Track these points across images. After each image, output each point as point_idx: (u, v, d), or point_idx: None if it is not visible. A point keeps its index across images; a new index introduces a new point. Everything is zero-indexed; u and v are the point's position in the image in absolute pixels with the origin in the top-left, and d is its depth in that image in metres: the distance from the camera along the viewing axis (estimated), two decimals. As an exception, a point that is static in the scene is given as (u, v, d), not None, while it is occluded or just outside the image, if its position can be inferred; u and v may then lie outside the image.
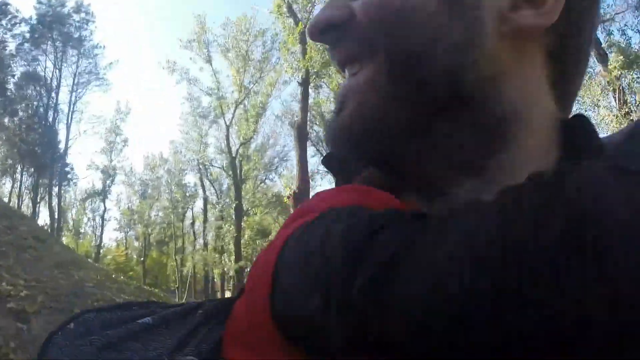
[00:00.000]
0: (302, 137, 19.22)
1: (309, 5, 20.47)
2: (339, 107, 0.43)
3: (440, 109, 0.39)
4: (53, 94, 31.14)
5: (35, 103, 30.64)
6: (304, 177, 18.57)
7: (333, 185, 0.55)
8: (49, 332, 0.48)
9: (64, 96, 34.28)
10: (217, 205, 35.67)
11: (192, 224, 41.68)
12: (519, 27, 0.39)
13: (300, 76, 20.28)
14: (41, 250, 9.91)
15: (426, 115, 0.39)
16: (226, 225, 31.03)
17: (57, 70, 30.99)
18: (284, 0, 19.71)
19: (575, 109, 0.50)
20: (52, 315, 6.09)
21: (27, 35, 29.24)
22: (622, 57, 13.06)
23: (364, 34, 0.40)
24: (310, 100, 26.00)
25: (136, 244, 47.16)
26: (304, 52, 19.32)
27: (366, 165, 0.48)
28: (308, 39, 0.48)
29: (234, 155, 29.68)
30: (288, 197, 18.49)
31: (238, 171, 29.79)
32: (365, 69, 0.41)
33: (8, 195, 30.14)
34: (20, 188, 31.80)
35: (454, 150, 0.40)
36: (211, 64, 29.96)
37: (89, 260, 17.71)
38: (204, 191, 37.55)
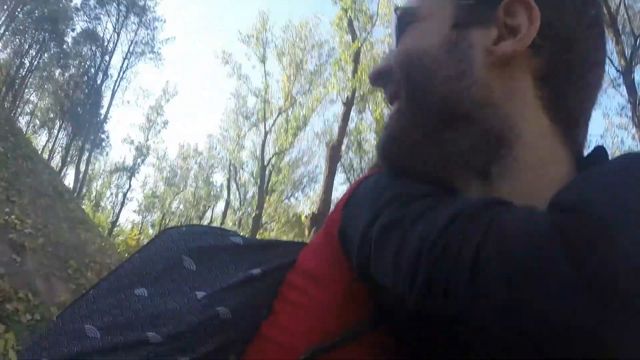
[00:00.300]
0: (334, 158, 18.23)
1: (369, 25, 19.76)
2: (385, 130, 0.56)
3: (443, 124, 0.50)
4: (107, 57, 30.98)
5: (88, 62, 30.50)
6: (327, 200, 17.48)
7: None
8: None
9: (116, 62, 34.16)
10: (237, 211, 34.69)
11: (210, 224, 40.80)
12: (501, 56, 0.48)
13: (346, 96, 19.28)
14: (57, 202, 10.22)
15: (433, 130, 0.50)
16: (241, 234, 29.80)
17: (116, 34, 30.84)
18: (346, 14, 18.73)
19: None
20: (47, 258, 6.37)
21: (95, -9, 29.05)
22: None
23: (395, 77, 0.55)
24: (352, 125, 25.07)
25: (151, 231, 46.74)
26: (354, 71, 18.43)
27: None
28: (370, 83, 0.63)
29: (265, 163, 28.65)
30: (306, 217, 17.40)
31: (266, 181, 28.71)
32: (397, 102, 0.55)
33: (41, 148, 29.47)
34: (54, 144, 31.56)
35: (459, 156, 0.50)
36: (264, 65, 29.21)
37: (99, 229, 17.34)
38: (229, 194, 36.68)
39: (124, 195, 39.95)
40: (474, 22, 0.49)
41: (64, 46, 28.09)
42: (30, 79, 28.66)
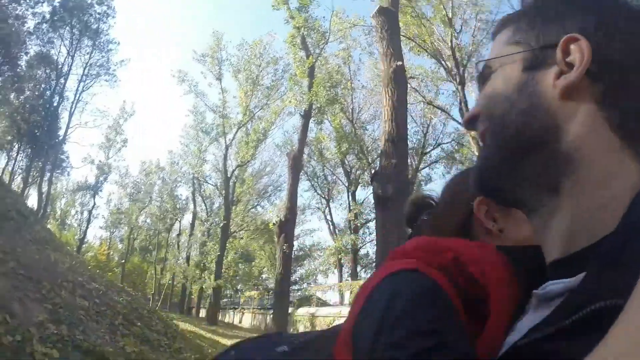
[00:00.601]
0: (296, 167, 19.23)
1: (322, 41, 20.84)
2: (476, 162, 0.67)
3: (520, 150, 0.58)
4: (62, 80, 31.00)
5: (42, 85, 30.41)
6: (293, 207, 18.56)
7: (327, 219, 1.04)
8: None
9: (71, 84, 34.36)
10: (205, 222, 35.65)
11: (179, 235, 41.50)
12: (564, 88, 0.55)
13: (303, 109, 20.41)
14: (22, 224, 10.10)
15: (511, 156, 0.59)
16: (210, 243, 30.88)
17: (70, 57, 30.93)
18: (298, 32, 19.83)
19: None
20: (19, 281, 6.28)
21: (47, 16, 29.06)
22: None
23: (481, 118, 0.64)
24: (312, 135, 26.32)
25: (120, 246, 46.91)
26: (310, 85, 19.53)
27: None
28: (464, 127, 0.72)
29: (229, 175, 29.74)
30: (274, 224, 18.57)
31: (230, 192, 29.79)
32: (485, 140, 0.64)
33: (1, 170, 29.59)
34: (13, 166, 31.41)
35: (532, 176, 0.57)
36: (221, 82, 30.25)
37: (67, 247, 17.33)
38: (195, 206, 37.67)
39: (89, 212, 40.28)
40: (539, 65, 0.58)
41: (18, 69, 28.19)
42: (-16, 103, 28.67)
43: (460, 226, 0.88)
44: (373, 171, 13.24)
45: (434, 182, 30.94)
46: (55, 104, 30.83)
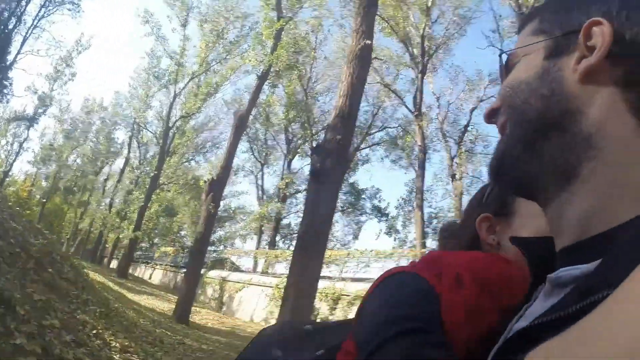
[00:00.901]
0: (240, 127, 18.67)
1: (297, 5, 20.32)
2: (494, 153, 0.65)
3: (540, 135, 0.57)
4: (23, 2, 28.84)
5: (2, 5, 28.47)
6: (227, 167, 17.97)
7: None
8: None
9: (33, 8, 32.29)
10: (135, 170, 34.14)
11: (106, 180, 39.82)
12: (584, 71, 0.54)
13: (261, 70, 19.80)
14: None
15: (531, 141, 0.58)
16: (137, 192, 29.47)
17: (34, -20, 28.81)
18: (275, -9, 19.08)
19: None
20: None
21: None
22: None
23: (502, 109, 0.64)
24: (263, 97, 25.65)
25: (44, 184, 44.51)
26: (274, 48, 18.90)
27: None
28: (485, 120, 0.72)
29: (170, 125, 28.60)
30: (205, 182, 17.83)
31: (168, 142, 28.68)
32: (505, 130, 0.63)
33: None
34: (-47, 83, 29.16)
35: (552, 160, 0.56)
36: (185, 29, 29.07)
37: None
38: (129, 151, 36.03)
39: (20, 145, 37.91)
40: (561, 52, 0.58)
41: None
42: None
43: (474, 238, 1.00)
44: (315, 143, 13.06)
45: (371, 163, 30.94)
46: (10, 27, 28.56)
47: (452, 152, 25.03)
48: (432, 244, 24.08)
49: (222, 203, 24.20)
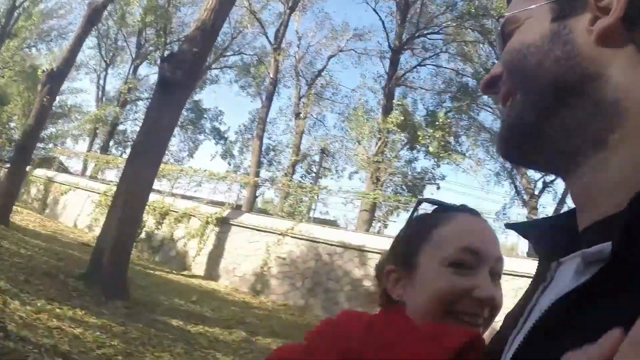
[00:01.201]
0: (92, 20, 17.35)
1: None
2: (503, 125, 0.61)
3: (558, 102, 0.53)
4: None
5: None
6: (70, 60, 16.82)
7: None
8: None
9: None
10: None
11: None
12: (600, 33, 0.51)
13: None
14: None
15: (547, 110, 0.54)
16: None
17: None
18: None
19: None
20: None
21: None
22: None
23: (506, 76, 0.60)
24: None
25: None
26: None
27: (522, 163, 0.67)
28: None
29: (17, 4, 25.63)
30: (43, 71, 16.57)
31: (11, 23, 25.67)
32: (510, 98, 0.59)
33: None
34: None
35: (578, 128, 0.52)
36: None
37: None
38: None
39: None
40: (570, 12, 0.54)
41: None
42: None
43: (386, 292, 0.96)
44: (169, 52, 12.79)
45: (219, 85, 30.96)
46: None
47: (302, 92, 25.65)
48: (265, 174, 25.29)
49: (58, 98, 22.52)
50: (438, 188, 22.18)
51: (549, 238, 0.61)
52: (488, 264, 0.87)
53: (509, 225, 0.70)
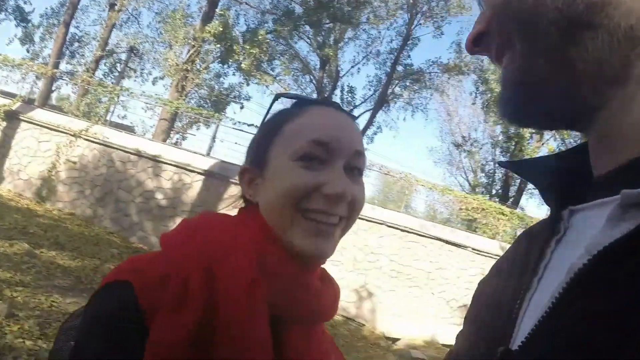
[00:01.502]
0: None
1: None
2: (503, 84, 0.53)
3: (566, 40, 0.46)
4: None
5: None
6: None
7: None
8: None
9: None
10: None
11: None
12: None
13: None
14: None
15: (556, 50, 0.47)
16: None
17: None
18: None
19: None
20: None
21: None
22: None
23: (499, 24, 0.52)
24: None
25: None
26: None
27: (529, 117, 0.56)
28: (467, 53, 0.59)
29: None
30: None
31: None
32: (508, 50, 0.52)
33: None
34: None
35: (593, 65, 0.46)
36: None
37: None
38: None
39: None
40: None
41: None
42: None
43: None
44: None
45: None
46: None
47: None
48: (66, 67, 22.78)
49: None
50: (242, 108, 22.48)
51: (554, 181, 0.55)
52: (343, 158, 0.80)
53: (503, 163, 0.65)
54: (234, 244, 0.75)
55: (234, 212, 0.88)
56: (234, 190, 11.44)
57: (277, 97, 0.97)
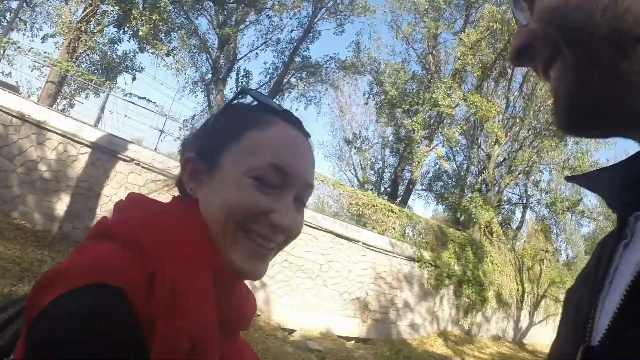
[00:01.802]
0: None
1: None
2: (555, 99, 0.53)
3: (619, 55, 0.46)
4: None
5: None
6: None
7: None
8: None
9: None
10: None
11: None
12: None
13: None
14: None
15: (609, 65, 0.46)
16: None
17: None
18: None
19: None
20: None
21: None
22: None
23: (547, 39, 0.51)
24: None
25: None
26: None
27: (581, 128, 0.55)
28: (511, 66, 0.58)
29: None
30: None
31: None
32: (556, 64, 0.51)
33: None
34: None
35: None
36: None
37: None
38: None
39: None
40: None
41: None
42: None
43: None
44: None
45: None
46: None
47: None
48: None
49: None
50: (134, 79, 20.97)
51: (617, 190, 0.56)
52: (295, 189, 0.79)
53: (570, 179, 0.64)
54: (192, 243, 0.72)
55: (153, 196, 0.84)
56: (122, 166, 10.70)
57: (243, 91, 0.89)
